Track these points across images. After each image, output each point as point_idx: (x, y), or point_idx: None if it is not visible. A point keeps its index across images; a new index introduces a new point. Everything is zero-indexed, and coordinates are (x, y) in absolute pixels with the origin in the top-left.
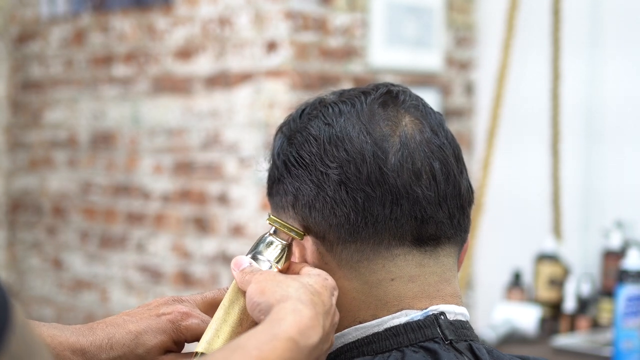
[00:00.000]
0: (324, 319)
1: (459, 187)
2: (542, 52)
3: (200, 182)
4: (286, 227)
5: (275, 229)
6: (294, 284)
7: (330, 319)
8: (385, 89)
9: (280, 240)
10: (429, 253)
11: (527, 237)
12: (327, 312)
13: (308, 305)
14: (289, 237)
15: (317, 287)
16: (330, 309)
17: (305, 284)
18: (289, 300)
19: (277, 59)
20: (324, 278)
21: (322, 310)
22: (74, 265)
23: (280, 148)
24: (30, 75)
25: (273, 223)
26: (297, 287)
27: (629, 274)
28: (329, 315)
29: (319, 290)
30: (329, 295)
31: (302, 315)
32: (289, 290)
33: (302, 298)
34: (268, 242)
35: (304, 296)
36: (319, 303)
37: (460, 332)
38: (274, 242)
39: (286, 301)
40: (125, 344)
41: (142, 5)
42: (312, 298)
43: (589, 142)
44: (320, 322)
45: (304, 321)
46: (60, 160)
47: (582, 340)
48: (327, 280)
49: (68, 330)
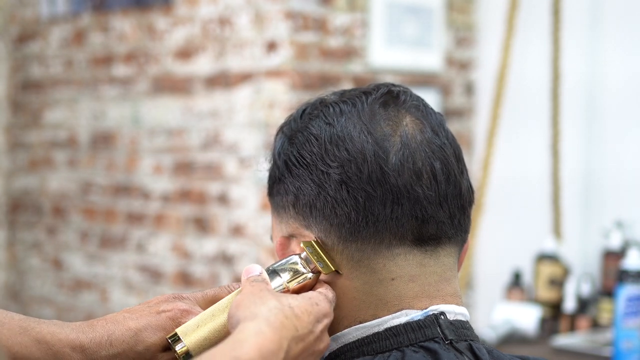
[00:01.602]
0: (292, 343)
1: (459, 187)
2: (542, 52)
3: (200, 182)
4: (316, 257)
5: (306, 254)
6: (271, 303)
7: (305, 345)
8: (386, 89)
9: (305, 268)
10: (430, 253)
11: (527, 237)
12: (300, 338)
13: (274, 328)
14: (315, 267)
15: (297, 311)
16: (306, 335)
17: (284, 305)
18: (255, 320)
19: (277, 59)
20: (314, 303)
21: (290, 335)
22: (74, 265)
23: (281, 148)
24: (30, 75)
25: (306, 248)
26: (272, 307)
27: (629, 274)
28: (302, 341)
29: (297, 314)
30: (310, 321)
31: (265, 338)
32: (261, 310)
33: (270, 319)
34: (293, 263)
35: (274, 318)
36: (289, 327)
37: (460, 332)
38: (298, 266)
39: (252, 320)
40: (125, 341)
41: (142, 5)
42: (283, 321)
43: (589, 142)
44: (284, 347)
45: (266, 344)
46: (60, 160)
47: (582, 340)
48: (317, 306)
49: (68, 327)
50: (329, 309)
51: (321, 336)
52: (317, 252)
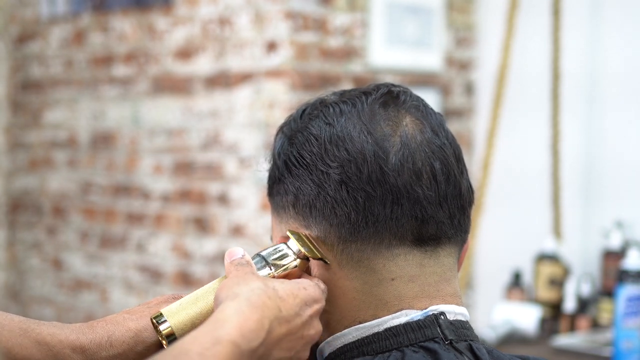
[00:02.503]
0: (274, 324)
1: (459, 187)
2: (542, 52)
3: (200, 182)
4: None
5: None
6: (254, 284)
7: (290, 327)
8: (386, 90)
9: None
10: (429, 253)
11: (527, 237)
12: (285, 319)
13: (255, 308)
14: (302, 254)
15: (282, 293)
16: (292, 317)
17: (267, 286)
18: (236, 299)
19: (277, 59)
20: (301, 287)
21: (273, 315)
22: (74, 265)
23: (281, 148)
24: (30, 75)
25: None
26: (254, 288)
27: (629, 274)
28: (286, 323)
29: (281, 296)
30: (296, 304)
31: (245, 317)
32: (243, 290)
33: (252, 299)
34: (278, 249)
35: (255, 297)
36: (272, 307)
37: (460, 332)
38: (284, 251)
39: (233, 299)
40: (125, 342)
41: (142, 5)
42: (265, 301)
43: (589, 142)
44: (265, 327)
45: (248, 324)
46: (60, 160)
47: (582, 340)
48: (305, 290)
49: (68, 329)
50: (320, 295)
51: (310, 321)
52: (302, 239)
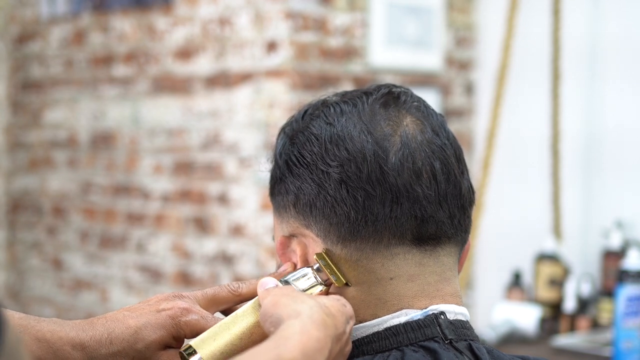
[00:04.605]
0: (333, 342)
1: (459, 187)
2: (542, 52)
3: (200, 182)
4: (329, 270)
5: (319, 266)
6: (309, 301)
7: (340, 345)
8: (386, 90)
9: (317, 280)
10: (429, 252)
11: (527, 237)
12: (338, 337)
13: (318, 326)
14: (328, 279)
15: (333, 310)
16: (342, 335)
17: (321, 304)
18: (299, 317)
19: (277, 59)
20: (343, 304)
21: (333, 334)
22: (74, 265)
23: (282, 148)
24: (30, 75)
25: (319, 260)
26: (312, 305)
27: (629, 274)
28: (339, 341)
29: (333, 313)
30: (343, 321)
31: (310, 336)
32: (303, 307)
33: (313, 317)
34: (305, 275)
35: (316, 315)
36: (330, 325)
37: (460, 331)
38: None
39: (296, 317)
40: (124, 339)
41: (142, 5)
42: (324, 319)
43: (590, 141)
44: (328, 346)
45: (311, 343)
46: (60, 160)
47: (582, 340)
48: (345, 307)
49: (68, 325)
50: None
51: (350, 337)
52: (329, 264)
